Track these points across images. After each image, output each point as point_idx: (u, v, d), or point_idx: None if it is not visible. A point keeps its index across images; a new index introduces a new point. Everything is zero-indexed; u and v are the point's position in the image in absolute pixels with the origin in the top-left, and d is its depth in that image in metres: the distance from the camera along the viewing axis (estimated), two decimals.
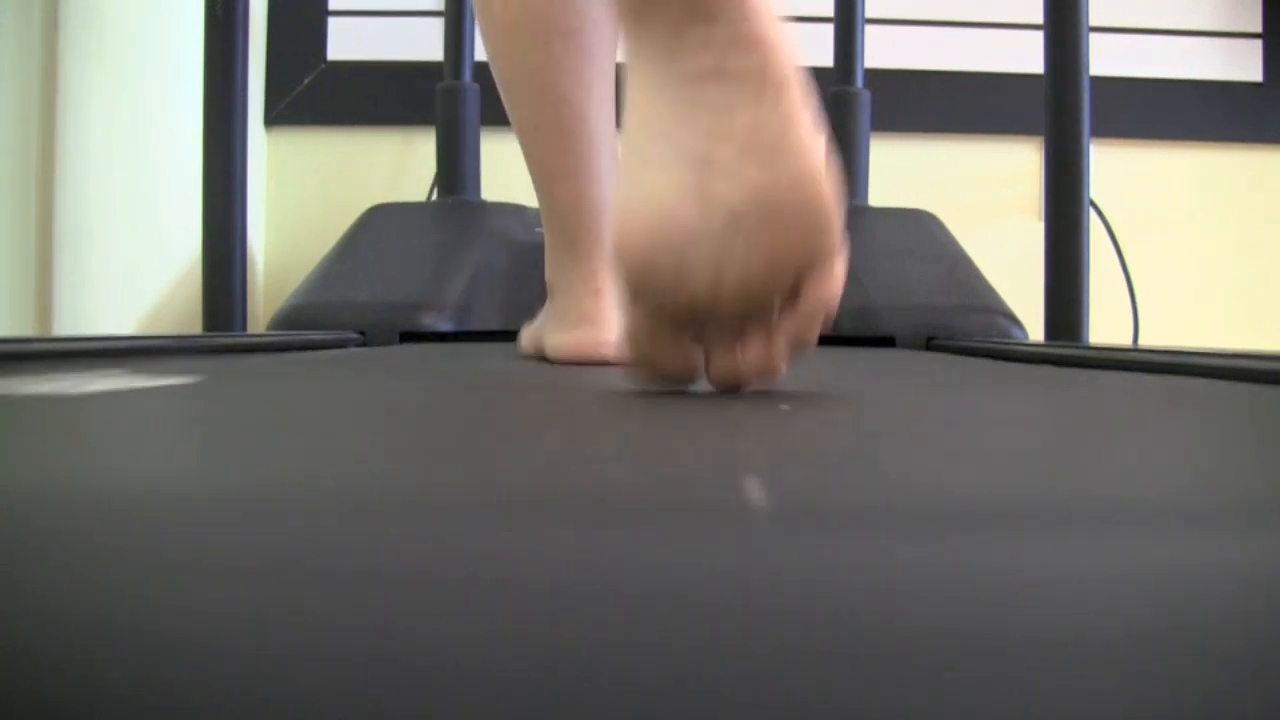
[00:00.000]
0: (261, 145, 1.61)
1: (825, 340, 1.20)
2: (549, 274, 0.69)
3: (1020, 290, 1.29)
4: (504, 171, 1.50)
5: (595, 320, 0.64)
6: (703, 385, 0.36)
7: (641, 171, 0.35)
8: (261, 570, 0.12)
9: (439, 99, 1.45)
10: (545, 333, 0.68)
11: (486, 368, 0.59)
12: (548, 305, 0.70)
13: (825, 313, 0.36)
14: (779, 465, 0.19)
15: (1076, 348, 0.78)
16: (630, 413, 0.30)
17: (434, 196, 1.49)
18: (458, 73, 1.45)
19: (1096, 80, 1.16)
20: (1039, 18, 1.17)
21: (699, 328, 0.35)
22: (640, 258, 0.34)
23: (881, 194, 1.52)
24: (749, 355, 0.36)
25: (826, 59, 1.47)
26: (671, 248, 0.33)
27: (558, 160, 0.65)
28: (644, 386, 0.36)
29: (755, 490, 0.15)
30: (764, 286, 0.34)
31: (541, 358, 0.69)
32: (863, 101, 1.43)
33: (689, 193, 0.33)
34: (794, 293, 0.35)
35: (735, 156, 0.34)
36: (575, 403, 0.35)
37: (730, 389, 0.36)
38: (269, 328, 1.17)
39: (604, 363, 0.62)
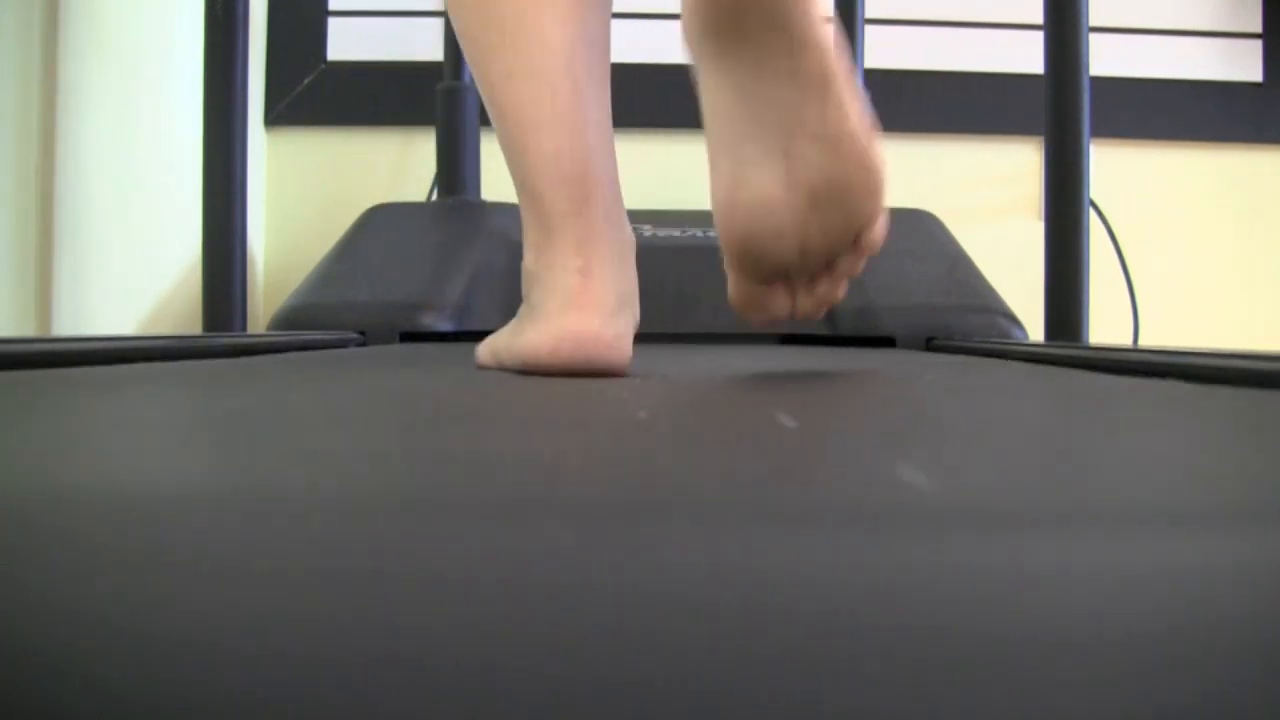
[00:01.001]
0: (261, 145, 1.61)
1: (825, 340, 1.20)
2: (525, 263, 0.55)
3: (1020, 290, 1.29)
4: (504, 171, 1.50)
5: (583, 305, 0.49)
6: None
7: (737, 169, 0.45)
8: (261, 570, 0.12)
9: (439, 99, 1.45)
10: (518, 331, 0.53)
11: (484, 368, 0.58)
12: (522, 306, 0.56)
13: (872, 253, 0.48)
14: (780, 466, 0.19)
15: (1076, 348, 0.78)
16: (629, 412, 0.30)
17: (434, 196, 1.49)
18: (458, 73, 1.45)
19: (1096, 80, 1.16)
20: (1039, 18, 1.17)
21: (786, 278, 0.47)
22: (745, 240, 0.45)
23: None
24: (819, 292, 0.48)
25: None
26: (767, 228, 0.44)
27: (537, 111, 0.53)
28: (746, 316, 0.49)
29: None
30: (835, 247, 0.46)
31: (506, 369, 0.54)
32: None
33: (777, 182, 0.44)
34: (852, 245, 0.46)
35: (809, 147, 0.43)
36: (576, 403, 0.35)
37: (809, 317, 0.49)
38: (269, 328, 1.17)
39: (592, 371, 0.48)
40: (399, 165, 1.64)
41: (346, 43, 1.63)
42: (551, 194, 0.52)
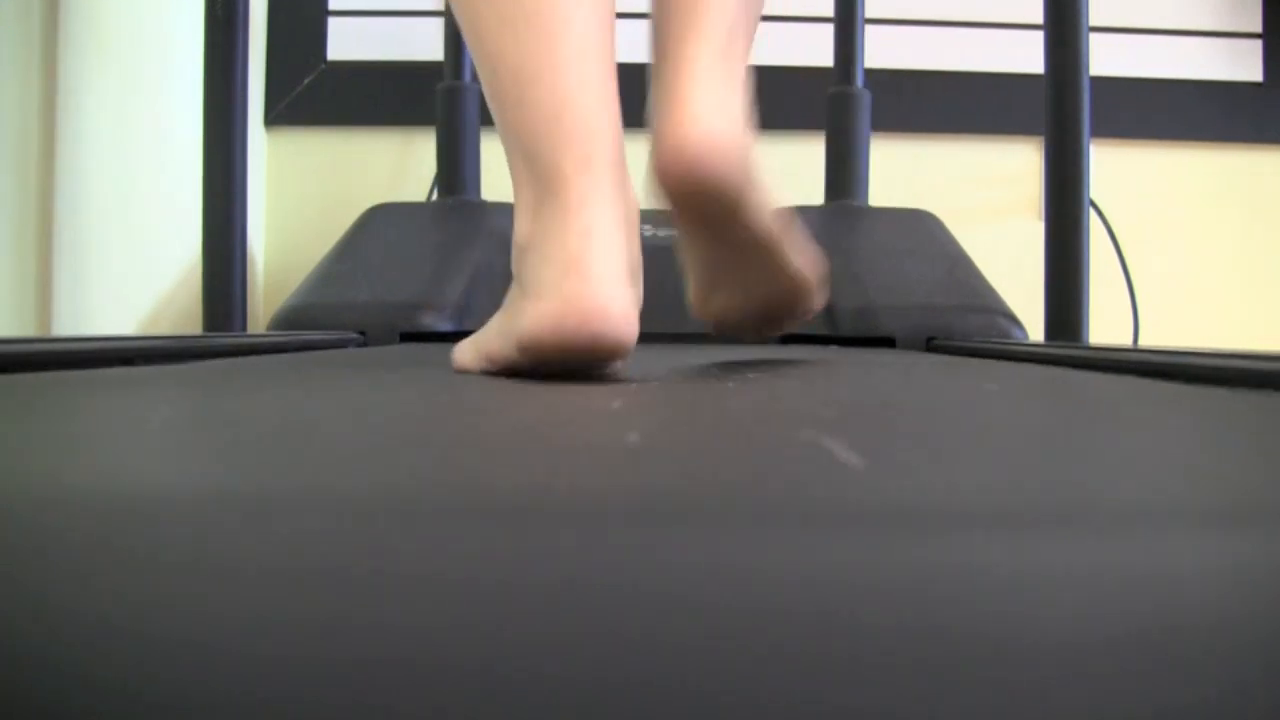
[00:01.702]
0: (261, 145, 1.61)
1: (825, 340, 1.21)
2: (516, 235, 0.49)
3: (1020, 290, 1.29)
4: (504, 171, 1.49)
5: (587, 272, 0.43)
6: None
7: (708, 291, 0.60)
8: (260, 571, 0.12)
9: (439, 99, 1.45)
10: (509, 317, 0.48)
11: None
12: (511, 288, 0.50)
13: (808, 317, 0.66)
14: (780, 466, 0.19)
15: (1076, 348, 0.78)
16: (628, 413, 0.30)
17: (434, 196, 1.49)
18: (458, 73, 1.45)
19: (1096, 80, 1.16)
20: (1039, 18, 1.17)
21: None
22: (715, 326, 0.63)
23: (881, 194, 1.52)
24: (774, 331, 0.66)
25: (826, 59, 1.47)
26: (731, 324, 0.63)
27: (535, 61, 0.48)
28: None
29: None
30: (784, 326, 0.65)
31: (490, 372, 0.49)
32: (863, 101, 1.43)
33: (737, 302, 0.60)
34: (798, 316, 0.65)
35: (761, 284, 0.59)
36: (574, 402, 0.35)
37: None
38: (269, 328, 1.17)
39: (598, 350, 0.42)
40: (399, 165, 1.64)
41: (346, 43, 1.63)
42: (551, 152, 0.47)
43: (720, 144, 0.48)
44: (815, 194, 1.47)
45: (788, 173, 1.60)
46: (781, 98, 1.59)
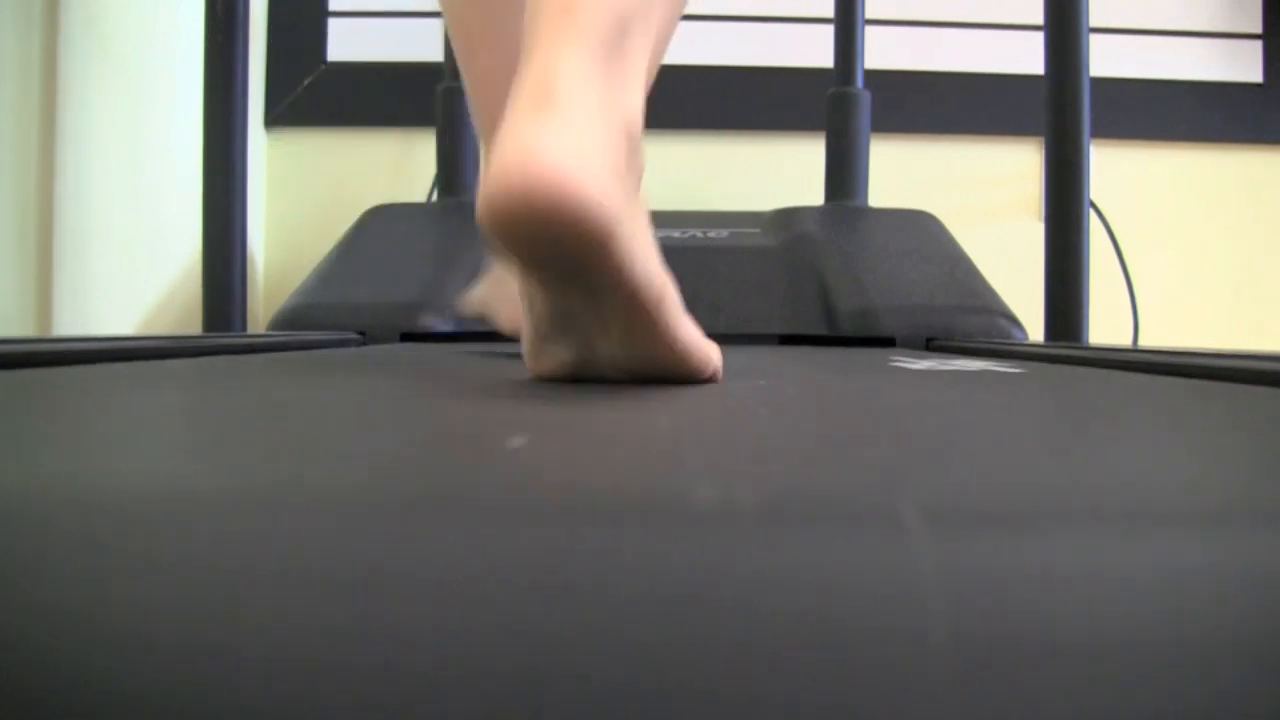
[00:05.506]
0: (261, 146, 1.61)
1: (826, 341, 1.19)
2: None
3: (1020, 290, 1.29)
4: None
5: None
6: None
7: (547, 343, 0.43)
8: (259, 571, 0.12)
9: (439, 99, 1.45)
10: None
11: (485, 367, 0.58)
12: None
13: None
14: (781, 465, 0.19)
15: (1076, 348, 0.78)
16: (626, 413, 0.30)
17: (434, 197, 1.49)
18: (458, 73, 1.45)
19: (1096, 80, 1.17)
20: (1039, 18, 1.17)
21: None
22: None
23: (881, 194, 1.52)
24: None
25: (826, 59, 1.47)
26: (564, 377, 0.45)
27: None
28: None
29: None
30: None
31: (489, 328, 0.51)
32: (863, 101, 1.43)
33: (588, 366, 0.43)
34: None
35: (634, 348, 0.41)
36: (573, 402, 0.35)
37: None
38: (269, 328, 1.17)
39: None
40: (399, 166, 1.64)
41: (346, 43, 1.63)
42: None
43: (569, 182, 0.33)
44: (815, 194, 1.47)
45: (788, 173, 1.60)
46: (781, 98, 1.59)
